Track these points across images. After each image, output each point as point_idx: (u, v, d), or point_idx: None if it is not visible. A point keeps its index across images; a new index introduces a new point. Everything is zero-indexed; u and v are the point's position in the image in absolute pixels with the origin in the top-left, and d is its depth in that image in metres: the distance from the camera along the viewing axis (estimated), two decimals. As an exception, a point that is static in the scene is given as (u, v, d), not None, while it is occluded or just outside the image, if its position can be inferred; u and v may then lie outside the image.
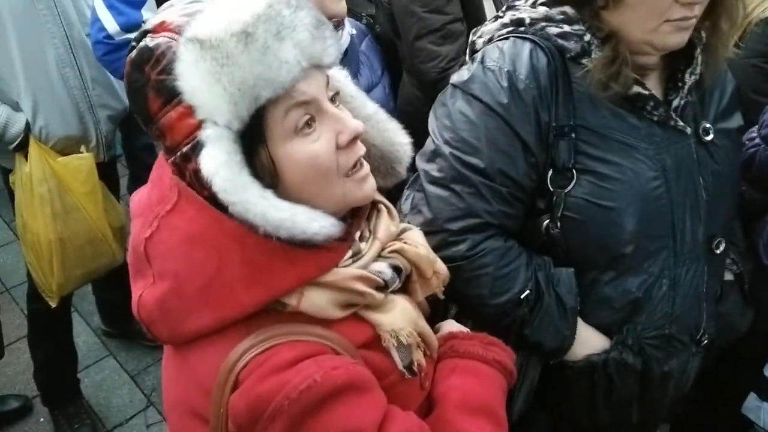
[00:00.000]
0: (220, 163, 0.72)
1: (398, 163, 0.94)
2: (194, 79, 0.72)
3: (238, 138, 0.74)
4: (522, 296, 1.16)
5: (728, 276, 1.34)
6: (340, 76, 0.86)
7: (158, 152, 0.84)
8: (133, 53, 0.77)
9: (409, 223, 1.20)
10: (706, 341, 1.26)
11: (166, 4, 0.82)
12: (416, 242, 0.92)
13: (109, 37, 2.00)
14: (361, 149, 0.83)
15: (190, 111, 0.73)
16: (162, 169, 0.82)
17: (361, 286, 0.81)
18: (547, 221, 1.17)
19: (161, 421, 2.56)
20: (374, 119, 0.92)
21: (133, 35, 1.88)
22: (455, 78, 1.20)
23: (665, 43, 1.09)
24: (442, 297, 1.00)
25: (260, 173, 0.76)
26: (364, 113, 0.91)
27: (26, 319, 2.49)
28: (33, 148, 2.11)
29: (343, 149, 0.80)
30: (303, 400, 0.72)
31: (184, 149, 0.75)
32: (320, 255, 0.78)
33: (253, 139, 0.75)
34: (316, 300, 0.79)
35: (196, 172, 0.74)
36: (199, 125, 0.74)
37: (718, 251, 1.23)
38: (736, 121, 1.29)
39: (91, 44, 2.10)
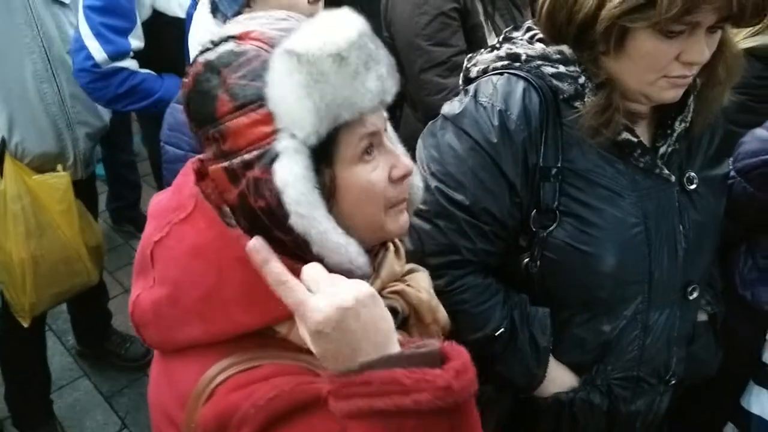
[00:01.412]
0: (297, 175, 0.73)
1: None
2: (285, 89, 0.72)
3: (311, 154, 0.75)
4: (496, 333, 1.18)
5: (702, 316, 1.36)
6: (384, 115, 0.88)
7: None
8: (211, 54, 0.77)
9: None
10: (674, 381, 1.28)
11: (246, 16, 0.83)
12: (419, 286, 0.92)
13: (96, 65, 1.99)
14: (407, 187, 0.85)
15: (267, 119, 0.74)
16: (185, 177, 0.83)
17: None
18: (527, 259, 1.18)
19: (136, 443, 2.53)
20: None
21: (120, 64, 1.84)
22: (447, 109, 1.20)
23: (660, 97, 1.09)
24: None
25: (321, 193, 0.76)
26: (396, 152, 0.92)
27: (-3, 339, 2.43)
28: (8, 164, 2.07)
29: (394, 183, 0.82)
30: (270, 408, 0.72)
31: (247, 156, 0.75)
32: None
33: (321, 158, 0.76)
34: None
35: (258, 179, 0.74)
36: (271, 134, 0.74)
37: (691, 297, 1.25)
38: (724, 168, 1.30)
39: (73, 71, 2.07)
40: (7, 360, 2.40)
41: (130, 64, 2.06)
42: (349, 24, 0.76)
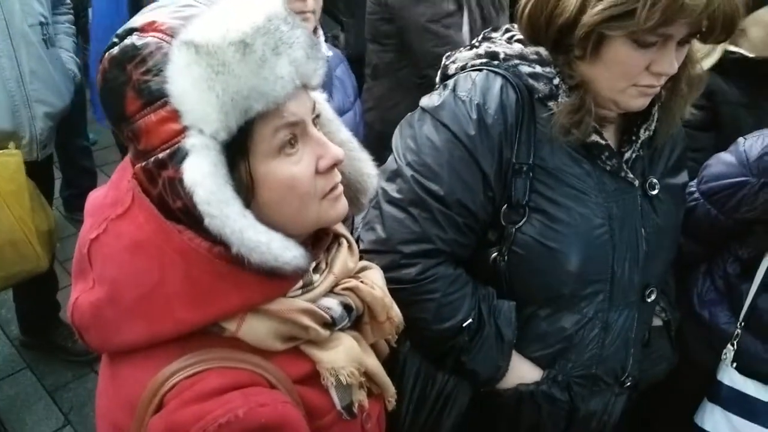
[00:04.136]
0: (205, 173, 0.70)
1: (363, 194, 0.93)
2: (185, 83, 0.69)
3: (223, 149, 0.72)
4: (464, 324, 1.19)
5: (657, 322, 1.41)
6: (320, 99, 0.85)
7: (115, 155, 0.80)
8: (115, 50, 0.73)
9: (360, 238, 1.21)
10: (629, 383, 1.32)
11: (154, 4, 0.78)
12: (374, 283, 0.90)
13: None
14: (337, 176, 0.82)
15: (174, 116, 0.70)
16: (123, 171, 0.79)
17: (306, 320, 0.79)
18: (496, 254, 1.20)
19: (79, 441, 2.45)
20: (347, 147, 0.91)
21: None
22: (425, 101, 1.22)
23: (628, 105, 1.14)
24: (393, 345, 0.99)
25: (236, 189, 0.73)
26: (338, 139, 0.90)
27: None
28: (-44, 139, 1.98)
29: (322, 174, 0.79)
30: None
31: (161, 155, 0.72)
32: (269, 282, 0.75)
33: (236, 153, 0.72)
34: (256, 328, 0.76)
35: (172, 179, 0.71)
36: (181, 131, 0.71)
37: (649, 300, 1.29)
38: (682, 178, 1.36)
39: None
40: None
41: None
42: (257, 7, 0.72)
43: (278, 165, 0.75)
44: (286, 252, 0.74)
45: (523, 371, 1.24)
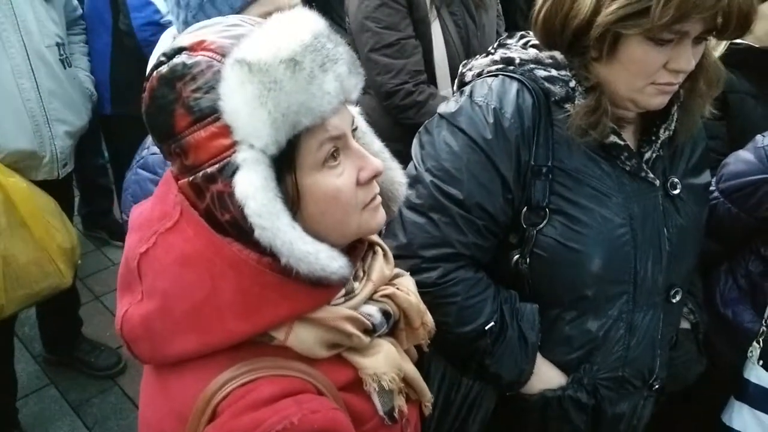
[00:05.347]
0: (257, 187, 0.71)
1: (394, 202, 0.94)
2: (238, 100, 0.71)
3: (272, 163, 0.73)
4: (486, 327, 1.19)
5: (685, 325, 1.40)
6: (355, 112, 0.86)
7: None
8: (164, 68, 0.75)
9: None
10: (657, 386, 1.31)
11: (199, 24, 0.81)
12: (408, 289, 0.91)
13: (162, 18, 2.14)
14: (376, 187, 0.84)
15: (224, 131, 0.72)
16: (168, 186, 0.80)
17: (349, 328, 0.80)
18: (518, 256, 1.20)
19: (103, 456, 2.46)
20: (380, 157, 0.92)
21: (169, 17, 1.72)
22: (443, 108, 1.23)
23: (647, 103, 1.14)
24: (426, 350, 0.99)
25: (283, 201, 0.75)
26: (372, 150, 0.91)
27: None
28: (-20, 160, 2.02)
29: (362, 186, 0.81)
30: None
31: (209, 170, 0.73)
32: (316, 291, 0.77)
33: (283, 167, 0.74)
34: (303, 336, 0.78)
35: (221, 193, 0.73)
36: (231, 146, 0.72)
37: (674, 300, 1.28)
38: (705, 177, 1.35)
39: (137, 26, 2.20)
40: (-26, 366, 2.31)
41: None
42: (303, 26, 0.74)
43: (322, 177, 0.77)
44: (332, 262, 0.75)
45: (548, 376, 1.24)
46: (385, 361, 0.85)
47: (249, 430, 0.70)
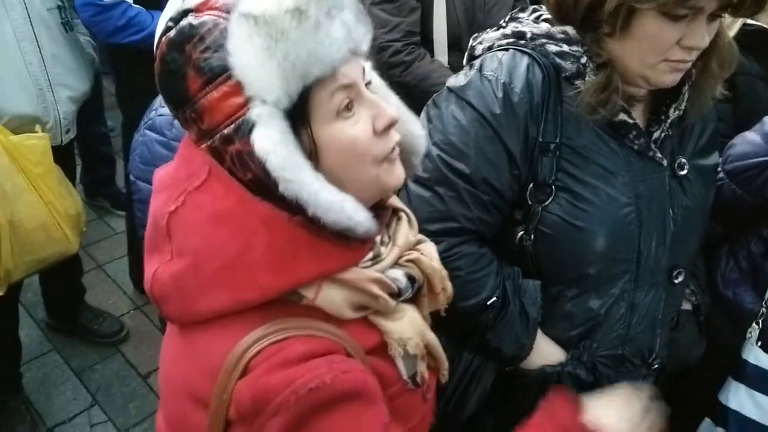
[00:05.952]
0: (276, 141, 0.71)
1: (415, 155, 0.94)
2: (247, 54, 0.70)
3: (286, 117, 0.73)
4: (488, 302, 1.19)
5: (686, 306, 1.40)
6: (368, 66, 0.85)
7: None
8: (172, 33, 0.75)
9: None
10: (657, 365, 1.31)
11: None
12: (431, 255, 0.92)
13: None
14: (396, 136, 0.83)
15: (235, 89, 0.72)
16: (190, 147, 0.80)
17: (377, 290, 0.81)
18: (522, 233, 1.20)
19: (106, 420, 2.49)
20: (398, 110, 0.91)
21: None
22: (452, 81, 1.22)
23: (659, 81, 1.13)
24: (443, 314, 1.00)
25: (302, 154, 0.75)
26: (388, 103, 0.90)
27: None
28: (-17, 124, 2.00)
29: (380, 135, 0.80)
30: (310, 399, 0.71)
31: (226, 131, 0.73)
32: (345, 251, 0.78)
33: (297, 120, 0.74)
34: (332, 296, 0.79)
35: (240, 152, 0.73)
36: (244, 104, 0.72)
37: (677, 281, 1.28)
38: (713, 159, 1.34)
39: (77, 5, 2.10)
40: (-22, 331, 2.32)
41: None
42: None
43: (338, 128, 0.76)
44: (358, 212, 0.76)
45: (548, 351, 1.25)
46: (410, 326, 0.86)
47: (281, 386, 0.71)
